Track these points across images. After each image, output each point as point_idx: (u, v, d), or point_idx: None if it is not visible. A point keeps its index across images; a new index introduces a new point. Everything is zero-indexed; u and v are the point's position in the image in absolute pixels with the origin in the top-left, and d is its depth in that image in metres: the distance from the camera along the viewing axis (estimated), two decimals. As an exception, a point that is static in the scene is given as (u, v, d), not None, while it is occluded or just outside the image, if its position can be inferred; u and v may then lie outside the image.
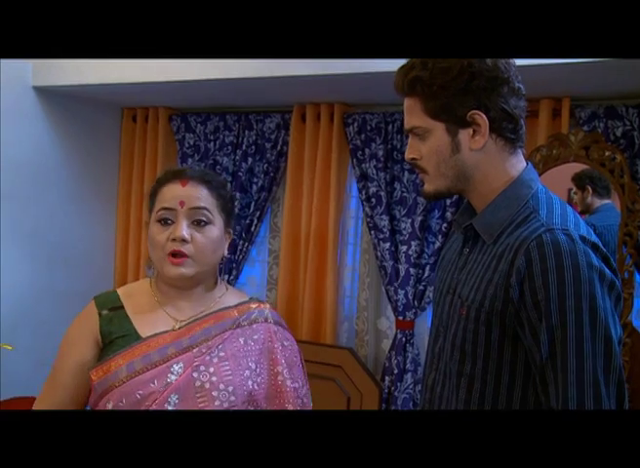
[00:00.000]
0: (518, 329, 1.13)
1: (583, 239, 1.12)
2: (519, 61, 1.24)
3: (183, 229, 1.35)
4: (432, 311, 1.39)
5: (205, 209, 1.38)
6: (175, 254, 1.35)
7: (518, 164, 1.25)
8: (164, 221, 1.37)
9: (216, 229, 1.39)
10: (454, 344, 1.23)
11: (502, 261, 1.15)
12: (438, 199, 1.43)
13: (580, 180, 2.54)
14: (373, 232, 2.97)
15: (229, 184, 3.16)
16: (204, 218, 1.38)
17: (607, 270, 1.12)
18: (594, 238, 1.15)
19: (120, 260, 3.62)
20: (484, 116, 1.18)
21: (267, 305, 1.50)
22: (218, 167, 3.32)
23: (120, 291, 1.48)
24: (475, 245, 1.26)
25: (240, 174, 3.25)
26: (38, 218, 3.21)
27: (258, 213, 3.24)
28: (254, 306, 1.47)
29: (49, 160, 3.25)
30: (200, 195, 1.38)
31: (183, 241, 1.35)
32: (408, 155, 1.27)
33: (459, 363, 1.21)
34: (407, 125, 1.26)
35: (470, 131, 1.20)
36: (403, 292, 2.89)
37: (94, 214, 3.52)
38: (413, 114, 1.23)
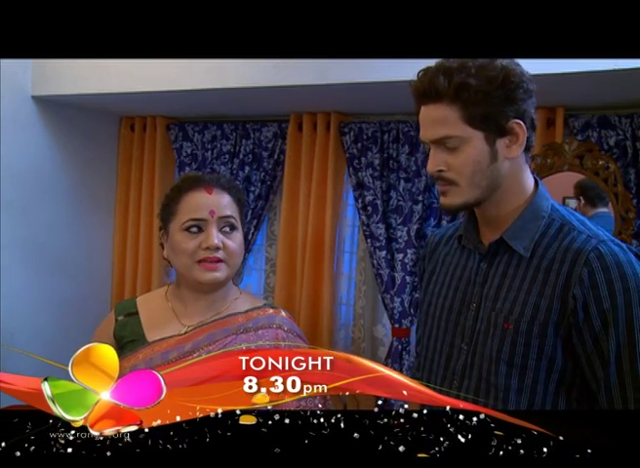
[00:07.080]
0: (575, 337, 1.15)
1: (630, 248, 1.17)
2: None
3: (216, 238, 1.38)
4: (435, 327, 1.33)
5: (232, 217, 1.42)
6: (208, 260, 1.39)
7: (530, 173, 1.26)
8: (194, 229, 1.40)
9: (240, 234, 1.44)
10: (499, 359, 1.20)
11: (552, 274, 1.16)
12: (461, 211, 1.31)
13: (576, 190, 2.58)
14: (369, 240, 2.98)
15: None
16: (231, 226, 1.42)
17: None
18: (634, 248, 1.19)
19: (118, 268, 3.62)
20: (523, 126, 1.18)
21: (282, 312, 1.48)
22: (215, 175, 3.34)
23: (139, 298, 1.54)
24: (495, 259, 1.25)
25: (237, 182, 3.26)
26: (37, 227, 3.22)
27: (255, 221, 3.25)
28: (266, 312, 1.46)
29: (48, 169, 3.26)
30: (227, 203, 1.42)
31: (217, 248, 1.38)
32: (434, 167, 1.20)
33: (505, 377, 1.19)
34: (435, 135, 1.18)
35: (506, 140, 1.18)
36: (399, 299, 2.91)
37: (92, 223, 3.53)
38: (446, 123, 1.16)
